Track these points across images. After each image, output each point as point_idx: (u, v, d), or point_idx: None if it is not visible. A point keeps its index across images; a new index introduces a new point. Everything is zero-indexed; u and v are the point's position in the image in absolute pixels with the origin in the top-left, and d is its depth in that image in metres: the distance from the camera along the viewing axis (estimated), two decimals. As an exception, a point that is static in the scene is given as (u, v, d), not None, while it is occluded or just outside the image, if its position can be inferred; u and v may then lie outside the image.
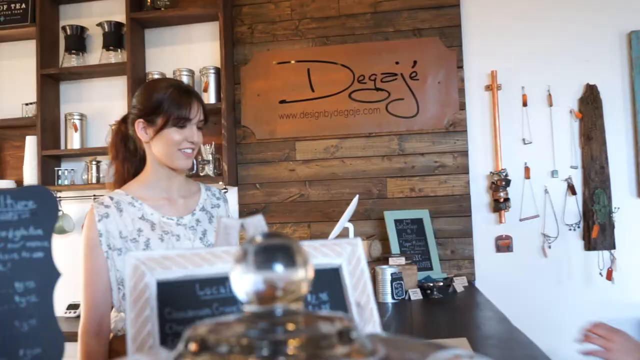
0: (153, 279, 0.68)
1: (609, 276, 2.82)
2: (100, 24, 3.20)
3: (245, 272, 0.37)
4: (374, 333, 0.43)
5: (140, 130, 1.52)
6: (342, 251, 0.76)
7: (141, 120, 1.52)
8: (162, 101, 1.49)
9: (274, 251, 0.38)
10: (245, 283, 0.38)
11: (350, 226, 2.54)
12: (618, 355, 1.25)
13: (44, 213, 0.75)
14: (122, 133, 1.61)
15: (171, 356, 0.37)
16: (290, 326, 0.37)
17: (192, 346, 0.36)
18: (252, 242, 0.39)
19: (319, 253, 0.75)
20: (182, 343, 0.37)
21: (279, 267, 0.37)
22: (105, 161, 3.22)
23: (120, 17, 3.19)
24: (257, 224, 0.79)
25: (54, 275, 0.75)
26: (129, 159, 1.62)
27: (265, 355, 0.35)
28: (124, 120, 1.62)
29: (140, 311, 0.65)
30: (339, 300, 0.74)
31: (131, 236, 1.49)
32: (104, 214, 1.48)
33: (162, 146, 1.51)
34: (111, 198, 1.52)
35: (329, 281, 0.75)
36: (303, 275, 0.38)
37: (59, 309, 3.20)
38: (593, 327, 1.33)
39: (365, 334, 0.43)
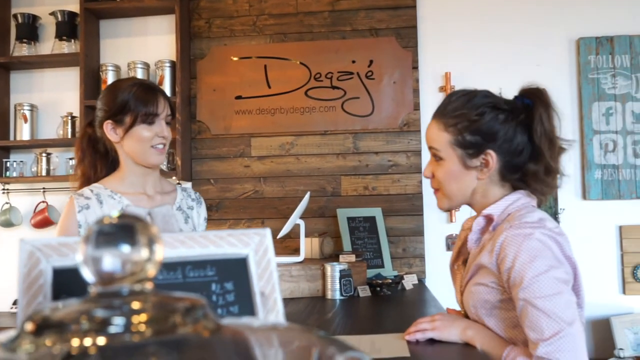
0: (49, 266, 0.67)
1: (554, 275, 2.90)
2: (53, 13, 3.13)
3: (89, 252, 0.37)
4: (249, 319, 0.43)
5: (110, 131, 1.54)
6: (250, 241, 0.76)
7: (109, 121, 1.53)
8: (128, 100, 1.51)
9: (117, 231, 0.38)
10: (89, 263, 0.37)
11: (302, 223, 2.55)
12: (444, 329, 1.32)
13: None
14: (89, 136, 1.62)
15: (8, 338, 0.36)
16: (135, 305, 0.37)
17: (29, 326, 0.36)
18: (98, 223, 0.38)
19: (226, 243, 0.75)
20: (20, 324, 0.37)
21: (122, 247, 0.37)
22: (56, 153, 3.16)
23: (74, 6, 3.13)
24: (165, 214, 0.79)
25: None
26: (100, 160, 1.63)
27: (109, 332, 0.35)
28: (90, 124, 1.63)
29: (32, 298, 0.64)
30: (245, 290, 0.75)
31: None
32: (85, 205, 1.50)
33: (133, 144, 1.53)
34: (91, 190, 1.55)
35: (235, 271, 0.76)
36: (147, 255, 0.38)
37: (5, 304, 3.12)
38: (414, 323, 1.40)
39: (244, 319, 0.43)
